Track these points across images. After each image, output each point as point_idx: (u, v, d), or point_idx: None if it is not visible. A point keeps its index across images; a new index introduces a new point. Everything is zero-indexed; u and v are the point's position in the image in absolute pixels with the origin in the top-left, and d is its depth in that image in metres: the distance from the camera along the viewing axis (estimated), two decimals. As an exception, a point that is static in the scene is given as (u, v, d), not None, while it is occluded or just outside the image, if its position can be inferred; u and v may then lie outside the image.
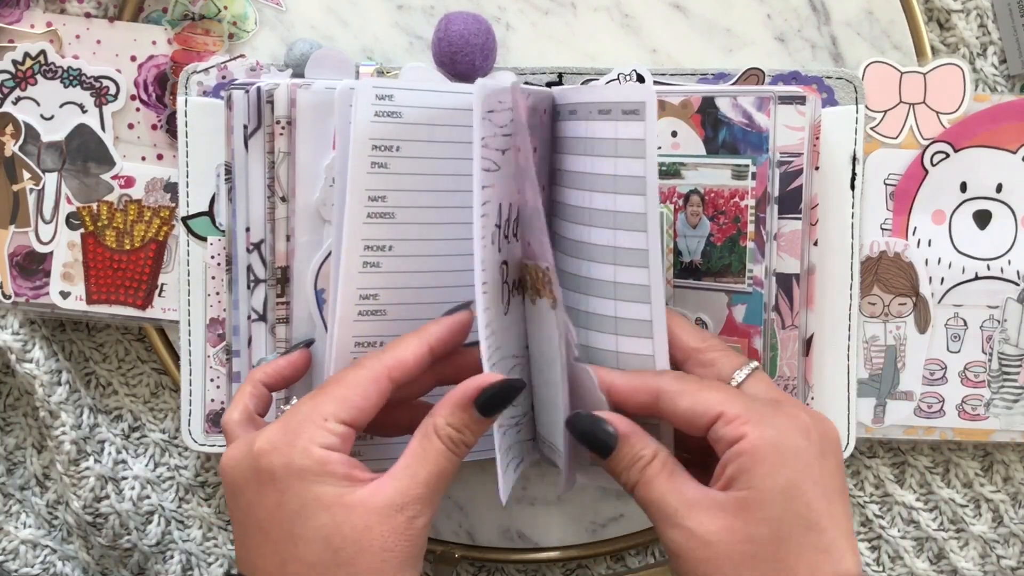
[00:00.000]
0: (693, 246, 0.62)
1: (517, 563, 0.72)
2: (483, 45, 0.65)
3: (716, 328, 0.62)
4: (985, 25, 0.67)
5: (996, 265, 0.67)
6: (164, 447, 0.73)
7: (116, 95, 0.69)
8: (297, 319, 0.62)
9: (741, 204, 0.60)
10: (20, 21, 0.69)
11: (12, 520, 0.74)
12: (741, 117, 0.60)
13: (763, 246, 0.60)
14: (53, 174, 0.69)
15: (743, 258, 0.61)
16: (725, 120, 0.61)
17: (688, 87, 0.65)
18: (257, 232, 0.63)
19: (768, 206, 0.60)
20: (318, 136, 0.62)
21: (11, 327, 0.71)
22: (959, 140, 0.66)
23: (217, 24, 0.68)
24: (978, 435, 0.68)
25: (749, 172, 0.60)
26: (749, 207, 0.60)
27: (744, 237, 0.61)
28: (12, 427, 0.75)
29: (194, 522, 0.74)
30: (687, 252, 0.62)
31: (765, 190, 0.60)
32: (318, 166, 0.62)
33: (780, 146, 0.60)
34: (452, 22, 0.65)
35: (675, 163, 0.62)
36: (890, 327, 0.67)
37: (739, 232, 0.61)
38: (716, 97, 0.61)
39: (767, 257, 0.61)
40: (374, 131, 0.53)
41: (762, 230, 0.60)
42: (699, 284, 0.62)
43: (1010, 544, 0.70)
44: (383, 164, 0.54)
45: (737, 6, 0.67)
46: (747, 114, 0.60)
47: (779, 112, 0.60)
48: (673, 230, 0.62)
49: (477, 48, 0.65)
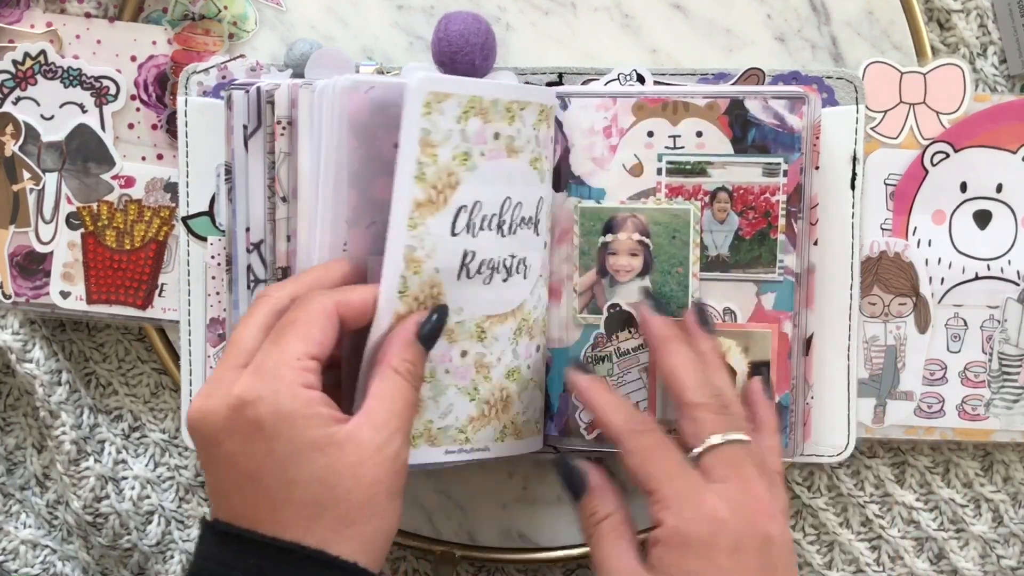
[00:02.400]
0: (720, 240, 0.63)
1: (517, 563, 0.72)
2: (483, 45, 0.65)
3: (744, 316, 0.63)
4: (985, 25, 0.67)
5: (996, 265, 0.67)
6: (164, 447, 0.73)
7: (116, 95, 0.69)
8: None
9: (772, 200, 0.62)
10: (20, 21, 0.69)
11: (12, 520, 0.74)
12: (772, 119, 0.62)
13: (795, 239, 0.62)
14: (53, 174, 0.69)
15: (773, 250, 0.62)
16: (755, 121, 0.62)
17: (713, 88, 0.65)
18: (257, 232, 0.63)
19: (802, 202, 0.62)
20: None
21: (11, 327, 0.71)
22: (959, 140, 0.66)
23: (217, 24, 0.68)
24: (978, 435, 0.68)
25: (781, 170, 0.62)
26: (780, 202, 0.62)
27: (775, 231, 0.62)
28: (12, 427, 0.75)
29: (194, 522, 0.74)
30: (713, 246, 0.63)
31: (798, 185, 0.62)
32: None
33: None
34: (452, 22, 0.65)
35: (700, 162, 0.63)
36: (890, 327, 0.67)
37: (769, 226, 0.62)
38: (746, 99, 0.62)
39: (802, 249, 0.63)
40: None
41: (794, 224, 0.62)
42: (727, 276, 0.63)
43: (1010, 544, 0.70)
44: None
45: (737, 6, 0.67)
46: (779, 115, 0.61)
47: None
48: (700, 226, 0.63)
49: (477, 48, 0.65)
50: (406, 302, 0.57)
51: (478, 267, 0.60)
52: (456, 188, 0.58)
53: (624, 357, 0.64)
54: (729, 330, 0.63)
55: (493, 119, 0.59)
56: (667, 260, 0.63)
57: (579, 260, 0.65)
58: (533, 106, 0.61)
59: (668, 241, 0.63)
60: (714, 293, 0.63)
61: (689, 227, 0.63)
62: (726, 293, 0.63)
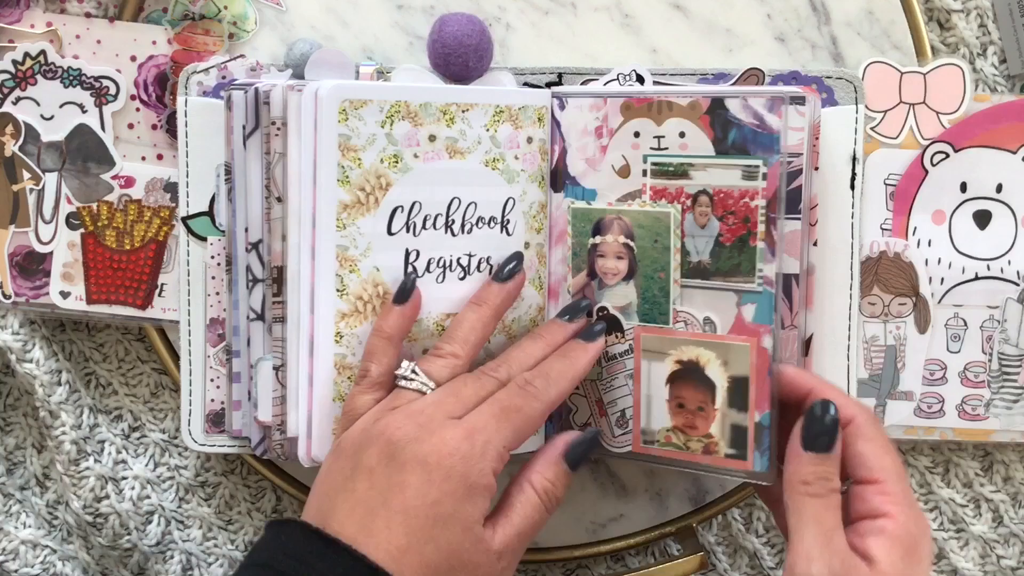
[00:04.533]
0: (701, 246, 0.61)
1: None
2: (476, 46, 0.65)
3: (724, 328, 0.61)
4: (985, 25, 0.67)
5: (996, 265, 0.67)
6: (164, 447, 0.73)
7: (116, 95, 0.69)
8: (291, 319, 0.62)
9: (751, 204, 0.60)
10: (20, 21, 0.69)
11: (12, 520, 0.74)
12: (752, 118, 0.60)
13: (774, 246, 0.60)
14: (53, 174, 0.69)
15: (753, 258, 0.60)
16: (735, 121, 0.60)
17: (696, 87, 0.65)
18: (255, 232, 0.63)
19: (779, 207, 0.60)
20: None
21: (11, 327, 0.71)
22: (959, 140, 0.66)
23: (217, 24, 0.68)
24: (978, 435, 0.68)
25: (760, 173, 0.60)
26: (759, 208, 0.60)
27: (754, 237, 0.60)
28: (12, 427, 0.75)
29: (194, 522, 0.74)
30: (695, 252, 0.61)
31: (776, 190, 0.59)
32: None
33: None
34: (446, 23, 0.65)
35: (683, 163, 0.61)
36: (890, 327, 0.67)
37: (749, 232, 0.60)
38: (726, 98, 0.60)
39: (777, 258, 0.60)
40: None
41: (773, 230, 0.60)
42: (708, 284, 0.61)
43: (1010, 544, 0.70)
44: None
45: (737, 6, 0.67)
46: (758, 115, 0.60)
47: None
48: (681, 230, 0.62)
49: (470, 49, 0.65)
50: (348, 300, 0.60)
51: (426, 265, 0.61)
52: (387, 189, 0.60)
53: (612, 362, 0.64)
54: (708, 341, 0.61)
55: (425, 122, 0.61)
56: (650, 264, 0.62)
57: (571, 261, 0.65)
58: (481, 107, 0.62)
59: (651, 245, 0.62)
60: (696, 301, 0.62)
61: (670, 231, 0.62)
62: (708, 302, 0.61)
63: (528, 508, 0.56)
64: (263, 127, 0.62)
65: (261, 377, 0.64)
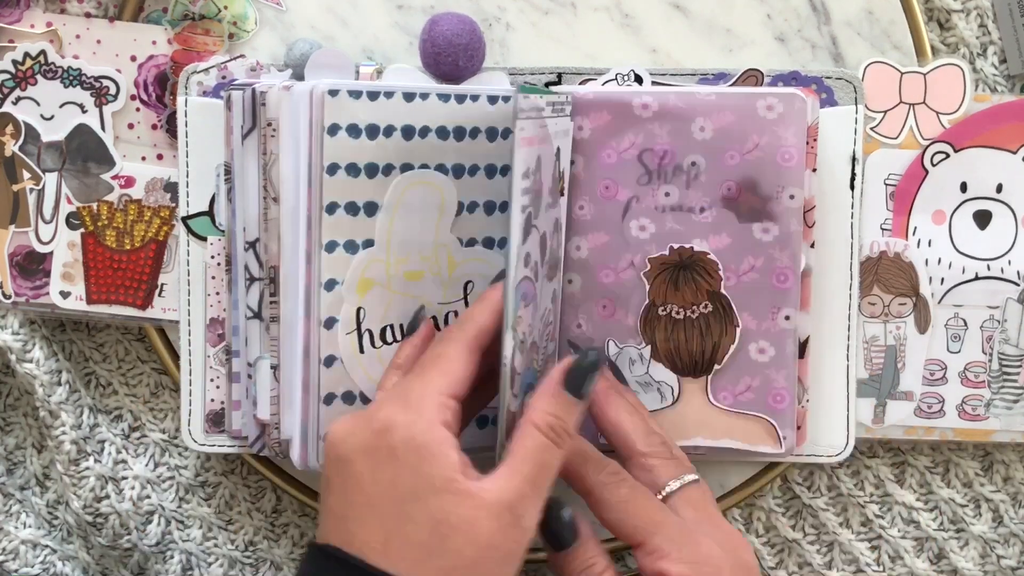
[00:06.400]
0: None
1: (517, 563, 0.72)
2: (467, 46, 0.65)
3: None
4: (985, 25, 0.67)
5: (996, 265, 0.67)
6: (164, 447, 0.73)
7: (116, 95, 0.69)
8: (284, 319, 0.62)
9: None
10: (20, 21, 0.69)
11: (12, 520, 0.74)
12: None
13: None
14: (53, 174, 0.69)
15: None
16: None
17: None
18: (252, 231, 0.63)
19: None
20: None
21: (11, 327, 0.71)
22: (959, 140, 0.66)
23: (217, 24, 0.68)
24: (978, 435, 0.68)
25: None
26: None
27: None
28: (12, 427, 0.75)
29: (194, 522, 0.74)
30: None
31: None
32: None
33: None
34: (437, 23, 0.65)
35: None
36: (890, 327, 0.67)
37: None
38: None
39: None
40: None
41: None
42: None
43: (1010, 544, 0.70)
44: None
45: (737, 6, 0.67)
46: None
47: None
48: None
49: (460, 49, 0.65)
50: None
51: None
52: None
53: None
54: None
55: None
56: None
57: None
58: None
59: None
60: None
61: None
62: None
63: (533, 449, 0.52)
64: (260, 127, 0.62)
65: (260, 376, 0.64)
